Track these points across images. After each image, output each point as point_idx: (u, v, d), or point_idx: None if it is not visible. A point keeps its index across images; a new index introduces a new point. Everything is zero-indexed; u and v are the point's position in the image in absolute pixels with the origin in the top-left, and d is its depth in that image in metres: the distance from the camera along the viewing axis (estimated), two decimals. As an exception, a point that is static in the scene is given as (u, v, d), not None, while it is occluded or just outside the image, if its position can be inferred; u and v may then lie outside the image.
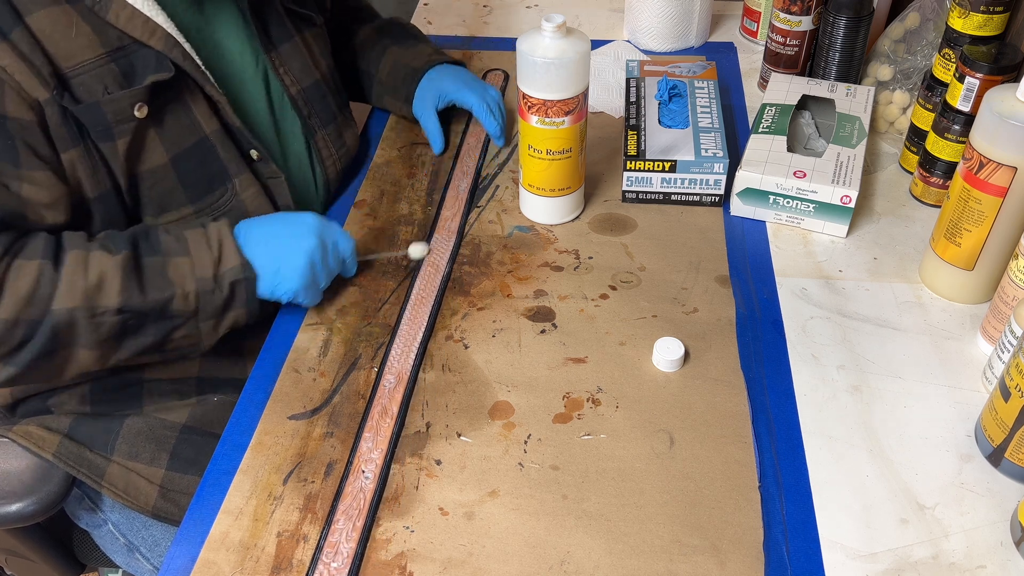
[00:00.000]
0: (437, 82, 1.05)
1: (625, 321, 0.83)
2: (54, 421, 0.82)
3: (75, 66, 0.70)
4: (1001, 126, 0.72)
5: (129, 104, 0.73)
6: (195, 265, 0.75)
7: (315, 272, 0.80)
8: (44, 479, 0.80)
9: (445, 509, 0.68)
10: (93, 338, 0.72)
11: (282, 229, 0.79)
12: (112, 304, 0.71)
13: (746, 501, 0.68)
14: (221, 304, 0.76)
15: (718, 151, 0.93)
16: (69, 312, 0.70)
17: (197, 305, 0.75)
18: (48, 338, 0.70)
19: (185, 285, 0.74)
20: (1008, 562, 0.63)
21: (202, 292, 0.75)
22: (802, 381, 0.77)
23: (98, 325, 0.71)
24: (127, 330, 0.73)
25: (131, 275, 0.72)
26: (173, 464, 0.83)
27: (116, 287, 0.71)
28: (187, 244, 0.76)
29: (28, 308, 0.68)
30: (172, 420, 0.84)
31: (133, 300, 0.72)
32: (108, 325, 0.72)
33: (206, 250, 0.76)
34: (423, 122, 1.06)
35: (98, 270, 0.71)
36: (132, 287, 0.72)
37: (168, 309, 0.74)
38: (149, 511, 0.82)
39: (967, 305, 0.84)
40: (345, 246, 0.84)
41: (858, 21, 1.02)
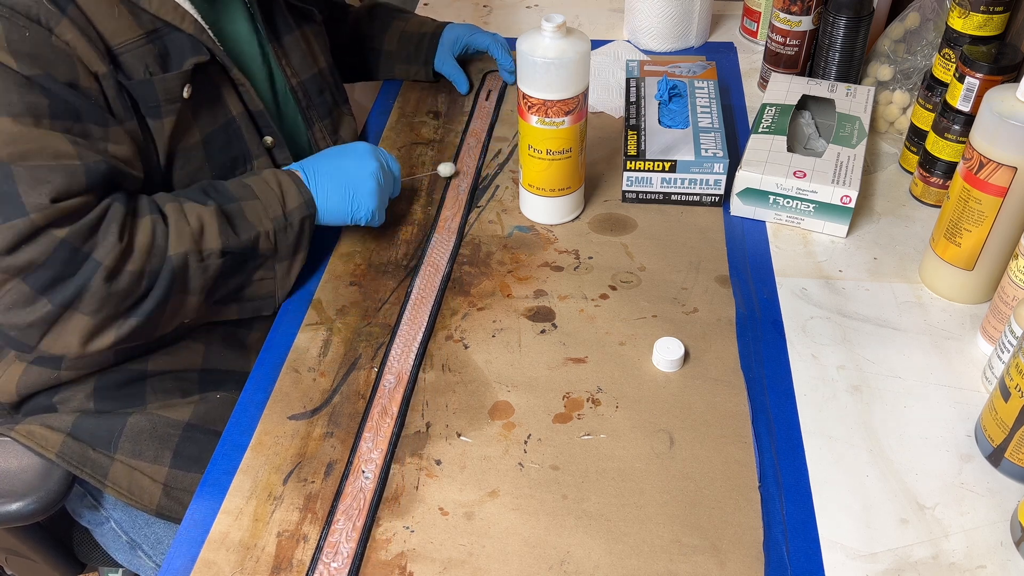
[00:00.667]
0: (451, 33, 1.16)
1: (625, 321, 0.83)
2: (57, 420, 0.82)
3: (121, 44, 0.73)
4: (1001, 126, 0.72)
5: (179, 84, 0.77)
6: (266, 206, 0.80)
7: (382, 191, 0.87)
8: (44, 478, 0.80)
9: (445, 509, 0.68)
10: (201, 282, 0.76)
11: (345, 159, 0.86)
12: (216, 247, 0.76)
13: (746, 501, 0.68)
14: (294, 241, 0.82)
15: (718, 151, 0.93)
16: (183, 257, 0.74)
17: (276, 243, 0.80)
18: (167, 285, 0.74)
19: (264, 224, 0.79)
20: (1008, 562, 0.63)
21: (278, 230, 0.80)
22: (802, 381, 0.77)
23: (206, 268, 0.76)
24: (226, 272, 0.78)
25: (223, 220, 0.77)
26: (177, 462, 0.83)
27: (215, 231, 0.76)
28: (252, 189, 0.80)
29: (150, 259, 0.73)
30: (175, 418, 0.84)
31: (231, 242, 0.77)
32: (214, 268, 0.76)
33: (271, 191, 0.81)
34: (445, 70, 1.17)
35: (196, 217, 0.75)
36: (227, 230, 0.77)
37: (256, 250, 0.79)
38: (153, 510, 0.82)
39: (967, 305, 0.84)
40: (395, 165, 0.91)
41: (858, 21, 1.02)
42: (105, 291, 0.70)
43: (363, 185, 0.85)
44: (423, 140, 1.10)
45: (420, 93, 1.19)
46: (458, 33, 1.16)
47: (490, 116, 1.13)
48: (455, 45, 1.16)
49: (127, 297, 0.72)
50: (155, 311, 0.74)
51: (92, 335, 0.72)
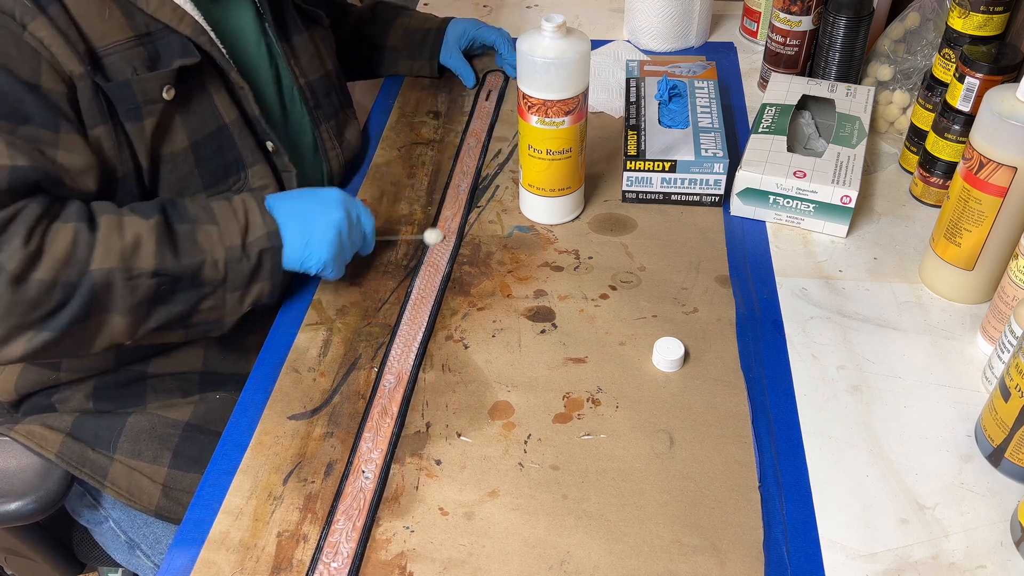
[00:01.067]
0: (457, 27, 1.17)
1: (625, 321, 0.83)
2: (56, 420, 0.82)
3: (107, 46, 0.72)
4: (1001, 126, 0.72)
5: (158, 85, 0.75)
6: (223, 233, 0.75)
7: (343, 244, 0.81)
8: (43, 477, 0.80)
9: (445, 509, 0.68)
10: (128, 302, 0.71)
11: (310, 203, 0.81)
12: (148, 267, 0.71)
13: (746, 501, 0.68)
14: (248, 273, 0.76)
15: (718, 151, 0.93)
16: (107, 273, 0.69)
17: (226, 273, 0.75)
18: (85, 300, 0.69)
19: (215, 252, 0.74)
20: (1008, 562, 0.63)
21: (231, 260, 0.75)
22: (802, 381, 0.77)
23: (134, 288, 0.71)
24: (160, 296, 0.73)
25: (164, 239, 0.72)
26: (176, 462, 0.83)
27: (151, 250, 0.71)
28: (213, 213, 0.76)
29: (66, 269, 0.68)
30: (175, 418, 0.84)
31: (167, 263, 0.72)
32: (143, 288, 0.71)
33: (233, 219, 0.76)
34: (451, 64, 1.17)
35: (133, 232, 0.71)
36: (166, 250, 0.72)
37: (199, 276, 0.74)
38: (152, 510, 0.82)
39: (967, 305, 0.84)
40: (367, 221, 0.85)
41: (858, 21, 1.02)
42: (9, 298, 0.65)
43: (321, 233, 0.79)
44: (423, 140, 1.10)
45: (420, 93, 1.19)
46: (464, 27, 1.17)
47: (490, 116, 1.13)
48: (462, 39, 1.16)
49: (36, 307, 0.67)
50: (71, 326, 0.69)
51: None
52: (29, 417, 0.83)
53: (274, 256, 0.77)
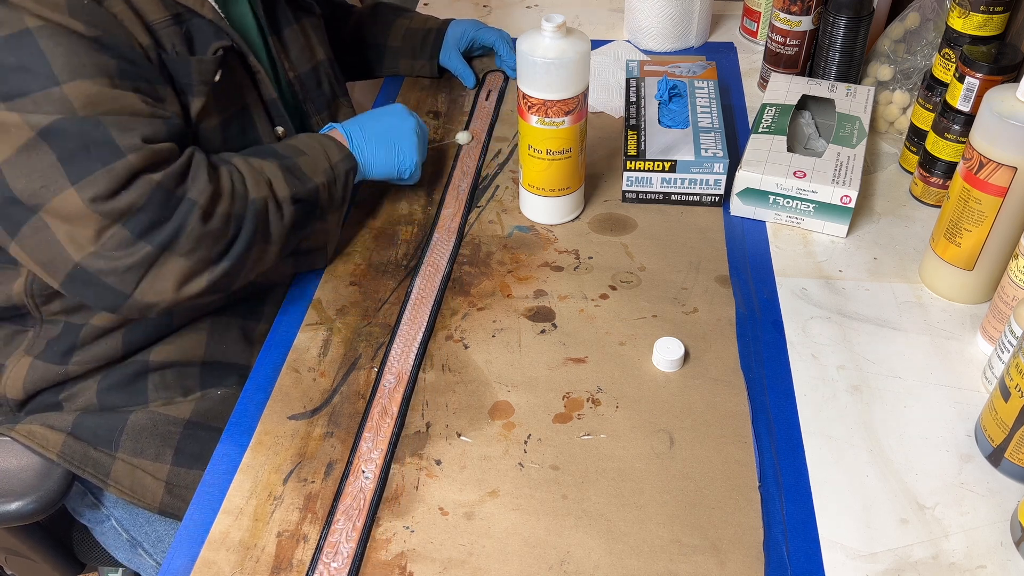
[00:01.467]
0: (457, 28, 1.18)
1: (625, 321, 0.83)
2: (57, 419, 0.82)
3: (155, 21, 0.75)
4: (1001, 126, 0.72)
5: (213, 69, 0.78)
6: (315, 161, 0.84)
7: (422, 146, 0.93)
8: (44, 477, 0.80)
9: (445, 509, 0.68)
10: (280, 229, 0.79)
11: (387, 119, 0.92)
12: (287, 194, 0.79)
13: (746, 501, 0.68)
14: (341, 193, 0.86)
15: (718, 151, 0.93)
16: (262, 201, 0.77)
17: (330, 194, 0.85)
18: (252, 227, 0.76)
19: (318, 176, 0.83)
20: (1008, 562, 0.63)
21: (330, 182, 0.84)
22: (802, 381, 0.77)
23: (282, 215, 0.79)
24: (299, 220, 0.81)
25: (286, 171, 0.81)
26: (178, 460, 0.83)
27: (282, 180, 0.80)
28: (298, 147, 0.84)
29: (236, 202, 0.75)
30: (176, 415, 0.84)
31: (298, 189, 0.81)
32: (288, 215, 0.80)
33: (315, 147, 0.85)
34: (451, 65, 1.19)
35: (263, 169, 0.79)
36: (292, 180, 0.81)
37: (317, 198, 0.83)
38: (156, 508, 0.82)
39: (967, 305, 0.84)
40: (425, 128, 0.97)
41: (858, 21, 1.02)
42: (200, 231, 0.72)
43: (406, 140, 0.91)
44: (423, 140, 1.09)
45: (420, 93, 1.19)
46: (464, 28, 1.17)
47: (490, 116, 1.13)
48: (461, 40, 1.17)
49: (219, 239, 0.74)
50: (243, 255, 0.76)
51: (187, 279, 0.73)
52: (30, 416, 0.83)
53: (354, 175, 0.88)
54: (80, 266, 0.69)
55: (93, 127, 0.67)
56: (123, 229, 0.68)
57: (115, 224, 0.68)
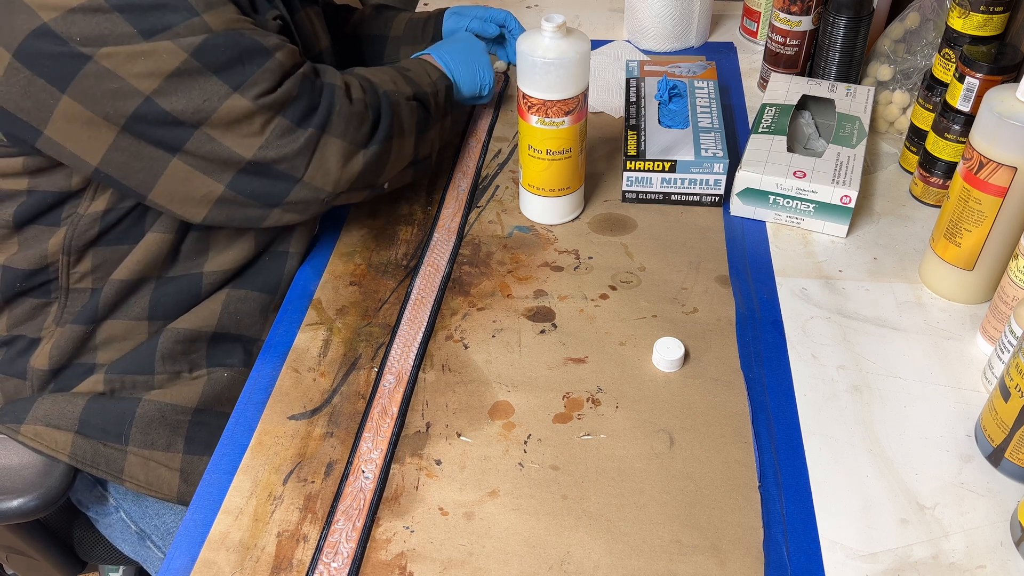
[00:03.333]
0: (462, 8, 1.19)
1: (625, 321, 0.83)
2: (59, 417, 0.81)
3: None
4: (1001, 126, 0.72)
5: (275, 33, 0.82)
6: (418, 75, 0.92)
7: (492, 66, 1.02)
8: (45, 475, 0.80)
9: (445, 509, 0.68)
10: (411, 121, 0.87)
11: (464, 44, 1.01)
12: (408, 91, 0.87)
13: (746, 501, 0.68)
14: (444, 104, 0.94)
15: (718, 151, 0.93)
16: (393, 93, 0.85)
17: (436, 103, 0.92)
18: (389, 114, 0.84)
19: (424, 87, 0.91)
20: (1008, 562, 0.63)
21: (434, 92, 0.92)
22: (802, 381, 0.77)
23: (411, 108, 0.87)
24: (419, 118, 0.88)
25: (401, 76, 0.89)
26: (190, 447, 0.84)
27: (402, 81, 0.88)
28: (403, 64, 0.93)
29: (367, 93, 0.83)
30: (183, 404, 0.84)
31: (415, 89, 0.88)
32: (411, 109, 0.87)
33: (416, 65, 0.93)
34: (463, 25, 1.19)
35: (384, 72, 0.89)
36: (409, 82, 0.89)
37: (429, 103, 0.91)
38: (174, 497, 0.83)
39: (967, 305, 0.84)
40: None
41: (858, 21, 1.02)
42: (348, 111, 0.79)
43: (482, 59, 1.01)
44: (423, 140, 1.09)
45: (420, 93, 1.19)
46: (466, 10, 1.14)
47: (490, 116, 1.13)
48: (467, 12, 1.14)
49: (364, 121, 0.81)
50: (387, 140, 0.83)
51: (346, 158, 0.79)
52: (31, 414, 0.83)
53: (450, 92, 0.96)
54: (252, 161, 0.75)
55: (239, 37, 0.73)
56: (284, 119, 0.75)
57: (277, 115, 0.75)
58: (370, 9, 1.19)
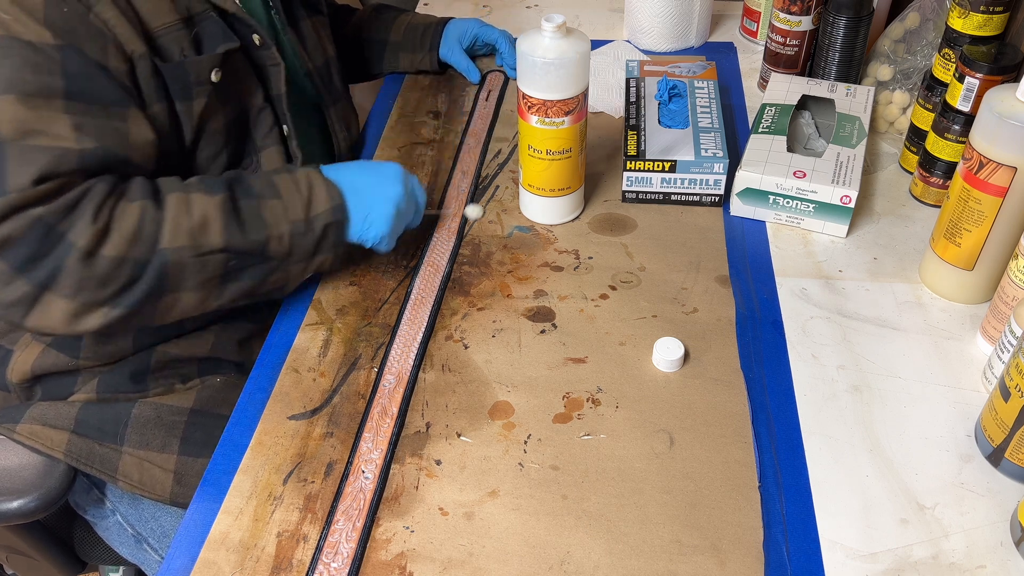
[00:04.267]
0: (460, 25, 1.18)
1: (625, 321, 0.83)
2: (57, 417, 0.82)
3: (159, 28, 0.75)
4: (1001, 126, 0.72)
5: (208, 67, 0.78)
6: (287, 207, 0.77)
7: (399, 218, 0.83)
8: (45, 475, 0.80)
9: (445, 509, 0.68)
10: (199, 279, 0.73)
11: (371, 176, 0.83)
12: (217, 244, 0.73)
13: (746, 501, 0.68)
14: (312, 246, 0.78)
15: (718, 151, 0.93)
16: (177, 252, 0.71)
17: (291, 247, 0.77)
18: (156, 278, 0.70)
19: (280, 227, 0.76)
20: (1008, 562, 0.63)
21: (295, 234, 0.77)
22: (802, 381, 0.77)
23: (204, 265, 0.73)
24: (229, 272, 0.75)
25: (231, 216, 0.74)
26: (185, 448, 0.84)
27: (219, 227, 0.73)
28: (277, 187, 0.78)
29: (135, 247, 0.69)
30: (179, 405, 0.85)
31: (235, 240, 0.74)
32: (213, 265, 0.73)
33: (296, 193, 0.78)
34: (453, 60, 1.18)
35: (201, 210, 0.72)
36: (233, 227, 0.74)
37: (266, 250, 0.76)
38: (167, 499, 0.83)
39: (967, 305, 0.84)
40: (421, 195, 0.87)
41: (858, 21, 1.02)
42: (81, 274, 0.67)
43: (380, 207, 0.81)
44: (423, 140, 1.10)
45: (420, 93, 1.19)
46: (467, 25, 1.18)
47: (490, 116, 1.13)
48: (464, 36, 1.18)
49: (106, 283, 0.68)
50: (143, 303, 0.71)
51: (74, 317, 0.69)
52: (28, 414, 0.83)
53: (338, 230, 0.79)
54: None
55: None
56: (1, 262, 0.66)
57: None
58: (370, 10, 1.19)
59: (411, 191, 0.85)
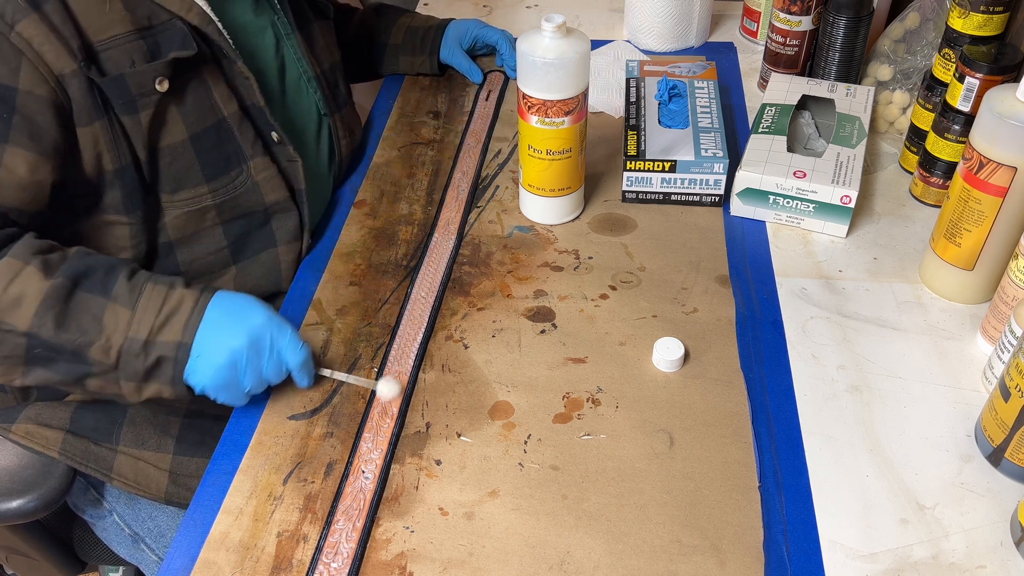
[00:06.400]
0: (460, 26, 1.18)
1: (625, 321, 0.83)
2: (52, 417, 0.82)
3: (105, 40, 0.72)
4: (1001, 126, 0.72)
5: (151, 77, 0.74)
6: (132, 322, 0.69)
7: (236, 374, 0.71)
8: (45, 475, 0.81)
9: (445, 509, 0.68)
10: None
11: (224, 319, 0.72)
12: (20, 326, 0.67)
13: (746, 501, 0.68)
14: (143, 371, 0.70)
15: (718, 151, 0.93)
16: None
17: (117, 361, 0.69)
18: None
19: (113, 337, 0.69)
20: (1008, 562, 0.63)
21: (126, 351, 0.69)
22: (802, 381, 0.77)
23: (2, 341, 0.67)
24: (34, 358, 0.69)
25: (52, 306, 0.67)
26: (180, 448, 0.84)
27: (31, 311, 0.67)
28: (139, 298, 0.70)
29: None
30: (175, 406, 0.85)
31: (44, 331, 0.67)
32: (11, 345, 0.67)
33: (154, 313, 0.70)
34: (454, 62, 1.18)
35: (20, 288, 0.67)
36: (48, 318, 0.67)
37: (84, 354, 0.68)
38: (162, 498, 0.83)
39: (967, 305, 0.84)
40: (292, 359, 0.74)
41: (858, 21, 1.02)
42: None
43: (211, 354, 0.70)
44: (423, 140, 1.10)
45: (420, 93, 1.19)
46: (467, 26, 1.18)
47: (490, 116, 1.13)
48: (464, 37, 1.18)
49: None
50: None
51: None
52: (24, 414, 0.83)
53: (176, 367, 0.70)
54: None
55: None
56: None
57: None
58: (370, 10, 1.19)
59: (270, 349, 0.72)
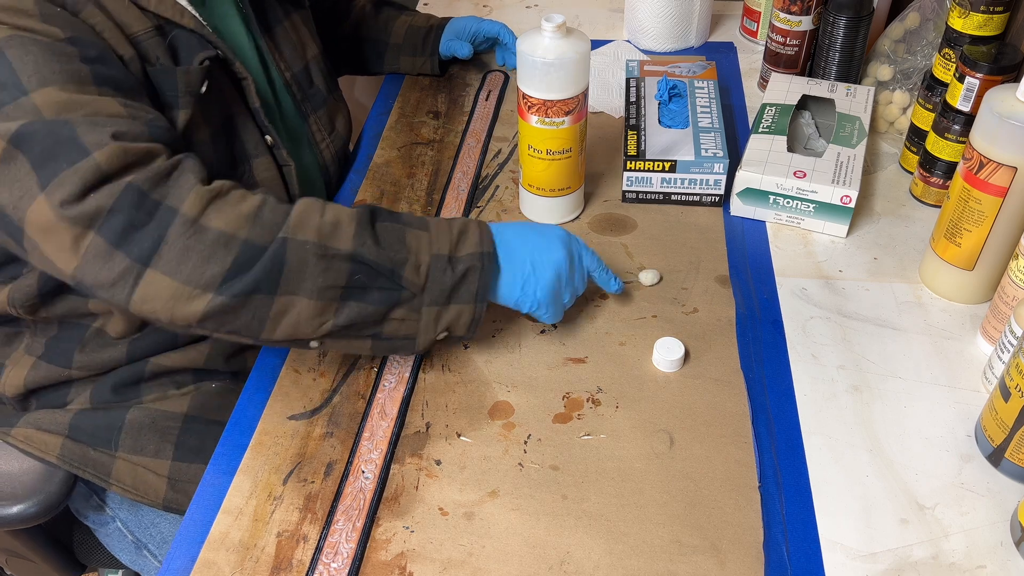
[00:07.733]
0: (459, 23, 1.18)
1: (625, 321, 0.83)
2: (51, 423, 0.82)
3: (135, 34, 0.73)
4: (1001, 126, 0.72)
5: (200, 79, 0.76)
6: (433, 240, 0.70)
7: (560, 286, 0.75)
8: (46, 480, 0.81)
9: (445, 509, 0.68)
10: (319, 283, 0.64)
11: (531, 238, 0.75)
12: (345, 248, 0.65)
13: (746, 501, 0.68)
14: (450, 287, 0.69)
15: (718, 151, 0.93)
16: (300, 245, 0.64)
17: (427, 280, 0.69)
18: (271, 269, 0.63)
19: (420, 254, 0.69)
20: (1008, 562, 0.63)
21: (435, 267, 0.69)
22: (802, 381, 0.77)
23: (327, 268, 0.64)
24: (353, 286, 0.66)
25: (366, 227, 0.67)
26: (179, 454, 0.83)
27: (351, 232, 0.66)
28: (427, 222, 0.71)
29: (250, 227, 0.63)
30: (173, 410, 0.85)
31: (367, 250, 0.66)
32: (336, 271, 0.65)
33: (446, 232, 0.71)
34: (458, 52, 1.17)
35: (334, 214, 0.67)
36: (367, 237, 0.66)
37: (398, 274, 0.67)
38: (160, 504, 0.83)
39: (967, 305, 0.84)
40: (590, 262, 0.79)
41: (858, 21, 1.02)
42: (183, 243, 0.61)
43: (541, 271, 0.74)
44: (423, 140, 1.10)
45: (420, 93, 1.19)
46: (466, 22, 1.18)
47: (490, 116, 1.13)
48: (464, 33, 1.18)
49: (211, 259, 0.61)
50: (253, 296, 0.63)
51: (177, 298, 0.62)
52: (23, 420, 0.83)
53: (481, 278, 0.70)
54: (76, 279, 0.62)
55: (61, 126, 0.61)
56: (98, 236, 0.60)
57: (89, 231, 0.60)
58: (370, 7, 1.19)
59: (576, 257, 0.77)
